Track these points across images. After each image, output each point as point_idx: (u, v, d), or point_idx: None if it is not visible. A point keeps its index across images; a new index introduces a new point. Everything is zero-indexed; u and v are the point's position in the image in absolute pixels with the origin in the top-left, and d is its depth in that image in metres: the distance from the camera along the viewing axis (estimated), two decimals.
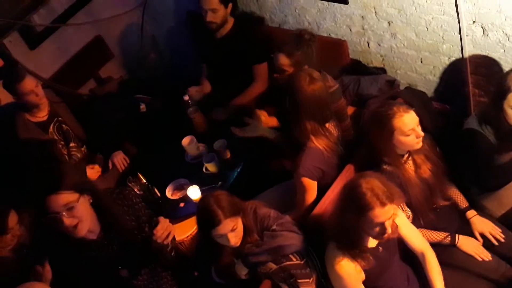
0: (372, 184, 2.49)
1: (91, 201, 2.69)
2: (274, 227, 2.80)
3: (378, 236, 2.60)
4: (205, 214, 2.66)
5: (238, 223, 2.69)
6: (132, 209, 2.84)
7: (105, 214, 2.75)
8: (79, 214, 2.57)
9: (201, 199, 2.80)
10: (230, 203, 2.67)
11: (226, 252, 2.79)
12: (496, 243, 3.07)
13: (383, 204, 2.46)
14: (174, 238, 2.85)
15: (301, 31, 3.56)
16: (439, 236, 3.07)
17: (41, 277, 2.68)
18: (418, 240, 2.93)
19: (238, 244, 2.73)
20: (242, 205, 2.78)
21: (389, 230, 2.54)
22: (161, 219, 2.62)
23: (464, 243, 3.05)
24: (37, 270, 2.69)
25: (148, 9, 4.78)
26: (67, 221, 2.54)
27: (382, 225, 2.52)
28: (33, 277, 2.67)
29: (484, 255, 3.01)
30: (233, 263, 2.82)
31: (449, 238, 3.06)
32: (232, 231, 2.66)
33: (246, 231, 2.76)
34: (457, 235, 3.06)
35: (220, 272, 2.88)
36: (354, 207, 2.52)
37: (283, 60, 3.43)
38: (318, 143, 3.16)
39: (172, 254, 2.87)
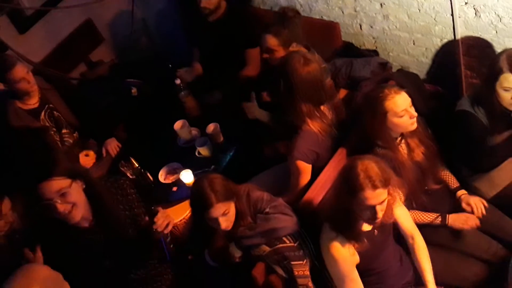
0: (367, 166, 2.49)
1: (84, 187, 2.69)
2: (267, 209, 2.81)
3: (369, 220, 2.62)
4: (198, 196, 2.67)
5: (231, 208, 2.70)
6: (125, 199, 2.85)
7: (98, 201, 2.75)
8: (73, 200, 2.59)
9: (196, 181, 2.81)
10: (224, 187, 2.67)
11: (219, 235, 2.80)
12: (478, 214, 3.06)
13: (374, 187, 2.47)
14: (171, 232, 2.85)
15: (284, 9, 3.55)
16: (430, 217, 3.08)
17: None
18: (409, 223, 2.94)
19: (230, 228, 2.74)
20: (236, 189, 2.78)
21: (379, 215, 2.55)
22: (160, 209, 2.64)
23: (455, 220, 3.05)
24: (28, 256, 2.69)
25: None
26: (61, 207, 2.55)
27: (372, 208, 2.53)
28: (24, 262, 2.67)
29: (474, 221, 3.02)
30: (227, 246, 2.82)
31: (439, 219, 3.06)
32: (224, 215, 2.67)
33: (239, 215, 2.76)
34: (447, 215, 3.06)
35: (213, 255, 2.89)
36: (347, 187, 2.54)
37: (271, 41, 3.42)
38: (313, 126, 3.15)
39: (172, 246, 2.89)
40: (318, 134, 3.16)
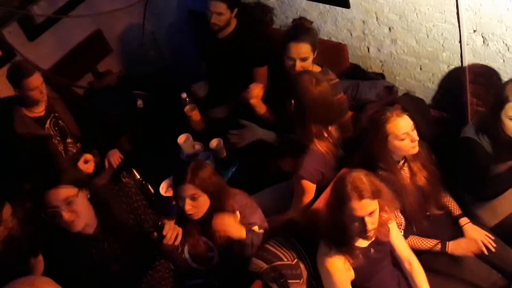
0: (354, 177, 2.52)
1: (89, 196, 2.70)
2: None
3: (360, 234, 2.60)
4: (179, 170, 2.75)
5: (201, 197, 2.73)
6: (130, 207, 2.86)
7: (103, 209, 2.77)
8: (78, 209, 2.61)
9: (189, 160, 2.84)
10: (207, 177, 2.73)
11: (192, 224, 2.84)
12: (486, 252, 3.06)
13: (360, 197, 2.48)
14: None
15: (300, 19, 3.55)
16: (430, 243, 3.06)
17: (32, 269, 2.67)
18: (405, 247, 2.93)
19: (194, 216, 2.77)
20: (221, 186, 2.85)
21: (369, 227, 2.54)
22: (166, 220, 2.64)
23: (455, 248, 3.04)
24: (30, 262, 2.69)
25: (150, 6, 4.76)
26: (66, 215, 2.57)
27: (361, 220, 2.52)
28: (25, 267, 2.67)
29: (476, 247, 3.02)
30: (202, 240, 2.88)
31: (439, 246, 3.05)
32: (192, 198, 2.71)
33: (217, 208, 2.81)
34: (447, 243, 3.05)
35: (192, 251, 2.92)
36: (335, 199, 2.58)
37: (306, 49, 3.42)
38: (321, 146, 3.15)
39: (184, 256, 2.88)
40: (325, 154, 3.17)
